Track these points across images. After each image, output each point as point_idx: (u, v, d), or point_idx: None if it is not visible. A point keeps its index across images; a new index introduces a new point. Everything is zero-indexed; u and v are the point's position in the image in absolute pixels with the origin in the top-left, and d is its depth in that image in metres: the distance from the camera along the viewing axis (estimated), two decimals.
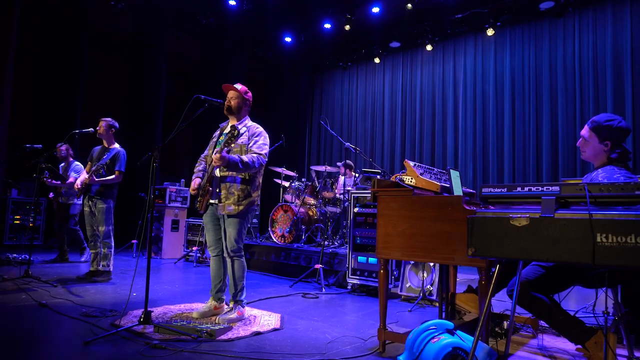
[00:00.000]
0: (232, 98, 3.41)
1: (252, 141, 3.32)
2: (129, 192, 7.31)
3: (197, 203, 3.32)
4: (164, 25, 9.13)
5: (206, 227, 3.44)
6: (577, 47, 7.77)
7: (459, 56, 9.32)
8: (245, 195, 3.27)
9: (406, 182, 2.68)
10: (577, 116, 7.67)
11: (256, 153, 3.25)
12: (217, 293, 3.44)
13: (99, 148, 4.95)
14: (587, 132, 2.43)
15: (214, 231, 3.41)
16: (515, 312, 2.52)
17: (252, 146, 3.30)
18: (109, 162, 4.74)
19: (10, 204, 7.23)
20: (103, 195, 4.76)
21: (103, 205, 4.74)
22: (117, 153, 4.82)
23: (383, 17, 9.32)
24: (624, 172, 2.32)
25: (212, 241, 3.43)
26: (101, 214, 4.74)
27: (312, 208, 6.51)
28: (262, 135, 3.37)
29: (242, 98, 3.41)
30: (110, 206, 4.81)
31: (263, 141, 3.34)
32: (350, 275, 4.70)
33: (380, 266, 2.71)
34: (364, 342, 2.86)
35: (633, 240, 1.50)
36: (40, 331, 2.81)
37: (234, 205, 3.23)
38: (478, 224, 1.80)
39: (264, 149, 3.32)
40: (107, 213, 4.77)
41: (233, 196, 3.24)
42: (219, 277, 3.45)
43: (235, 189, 3.25)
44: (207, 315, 3.31)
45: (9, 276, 4.46)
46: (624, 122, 2.35)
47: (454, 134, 9.20)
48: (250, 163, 3.17)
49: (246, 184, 3.29)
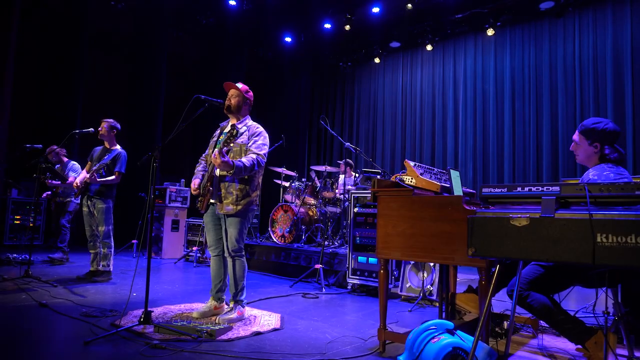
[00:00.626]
0: (233, 96, 3.40)
1: (252, 141, 3.31)
2: (129, 192, 7.31)
3: (198, 203, 3.32)
4: (164, 25, 9.13)
5: (207, 227, 3.44)
6: (577, 47, 7.77)
7: (459, 56, 9.32)
8: (244, 195, 3.27)
9: (406, 182, 2.68)
10: (577, 116, 7.67)
11: (255, 153, 3.24)
12: (217, 293, 3.44)
13: (100, 148, 4.97)
14: (577, 136, 2.55)
15: (215, 231, 3.41)
16: (515, 312, 2.52)
17: (251, 146, 3.29)
18: (110, 162, 4.74)
19: (10, 204, 7.23)
20: (102, 195, 4.76)
21: (102, 205, 4.75)
22: (118, 154, 4.83)
23: (383, 17, 9.32)
24: (615, 169, 2.40)
25: (212, 241, 3.43)
26: (100, 213, 4.74)
27: (312, 208, 6.51)
28: (262, 135, 3.36)
29: (242, 97, 3.41)
30: (110, 206, 4.82)
31: (262, 141, 3.33)
32: (350, 275, 4.70)
33: (380, 266, 2.71)
34: (364, 342, 2.86)
35: (633, 240, 1.50)
36: (40, 331, 2.81)
37: (233, 205, 3.23)
38: (478, 224, 1.80)
39: (263, 149, 3.31)
40: (106, 213, 4.77)
41: (232, 196, 3.24)
42: (219, 277, 3.45)
43: (233, 189, 3.25)
44: (207, 315, 3.31)
45: (9, 276, 4.46)
46: (611, 124, 2.46)
47: (454, 134, 9.20)
48: (249, 165, 3.16)
49: (245, 184, 3.28)
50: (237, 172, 3.12)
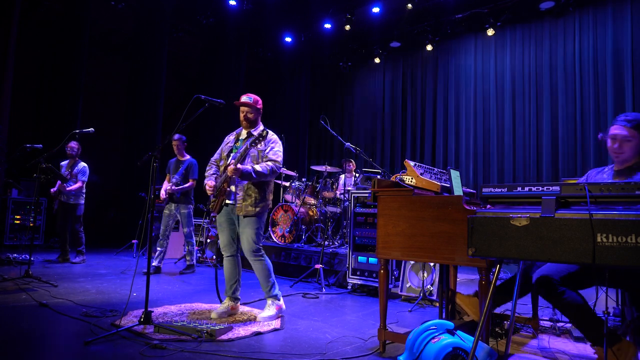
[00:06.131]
0: (248, 112, 3.48)
1: (269, 147, 3.41)
2: (129, 192, 7.32)
3: (211, 204, 3.41)
4: (164, 25, 9.13)
5: (220, 228, 3.49)
6: (577, 47, 7.77)
7: (459, 56, 9.32)
8: (261, 198, 3.37)
9: (406, 182, 2.68)
10: (577, 116, 7.67)
11: (272, 160, 3.35)
12: (233, 293, 3.49)
13: (174, 160, 5.67)
14: (627, 130, 2.35)
15: (229, 232, 3.47)
16: (515, 312, 2.52)
17: (268, 153, 3.39)
18: (184, 172, 5.51)
19: (11, 204, 7.22)
20: (185, 202, 5.56)
21: (185, 210, 5.56)
22: (190, 164, 5.58)
23: (383, 17, 9.32)
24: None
25: (226, 242, 3.49)
26: (185, 217, 5.56)
27: (313, 208, 6.51)
28: (277, 142, 3.47)
29: (256, 109, 3.50)
30: (191, 211, 5.64)
31: (278, 148, 3.44)
32: (350, 275, 4.70)
33: (381, 266, 2.70)
34: (364, 342, 2.86)
35: (633, 240, 1.50)
36: (40, 331, 2.81)
37: (252, 207, 3.33)
38: (478, 224, 1.80)
39: (280, 155, 3.42)
40: (189, 217, 5.60)
41: (251, 198, 3.33)
42: (234, 277, 3.50)
43: (252, 191, 3.34)
44: (224, 316, 3.36)
45: (9, 276, 4.46)
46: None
47: (454, 134, 9.20)
48: (264, 172, 3.27)
49: (262, 187, 3.39)
50: (247, 177, 3.23)
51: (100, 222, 8.91)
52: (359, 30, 9.94)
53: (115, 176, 9.02)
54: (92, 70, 8.85)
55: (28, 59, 8.21)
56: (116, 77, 9.55)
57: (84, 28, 8.38)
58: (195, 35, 10.36)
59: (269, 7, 9.51)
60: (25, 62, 7.95)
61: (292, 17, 10.00)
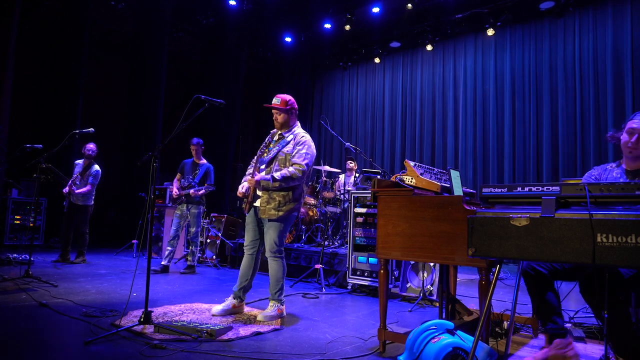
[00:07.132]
0: (277, 114, 3.51)
1: (296, 150, 3.41)
2: (129, 192, 7.31)
3: (244, 204, 3.51)
4: (164, 25, 9.13)
5: (247, 227, 3.56)
6: (577, 47, 7.77)
7: (459, 56, 9.32)
8: (286, 202, 3.38)
9: (406, 182, 2.68)
10: (577, 116, 7.67)
11: (295, 164, 3.35)
12: (240, 291, 3.52)
13: (190, 162, 5.75)
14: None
15: (253, 231, 3.54)
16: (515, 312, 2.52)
17: (294, 156, 3.40)
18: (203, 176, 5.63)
19: (11, 204, 7.23)
20: (198, 202, 5.62)
21: (196, 210, 5.62)
22: (208, 170, 5.69)
23: (383, 17, 9.33)
24: None
25: (249, 241, 3.56)
26: (194, 217, 5.61)
27: (312, 208, 6.51)
28: (306, 144, 3.45)
29: (285, 110, 3.49)
30: (201, 212, 5.72)
31: (306, 150, 3.42)
32: (350, 275, 4.70)
33: (381, 266, 2.71)
34: (364, 342, 2.86)
35: (633, 240, 1.50)
36: (40, 331, 2.81)
37: (275, 210, 3.36)
38: (478, 224, 1.80)
39: (306, 158, 3.40)
40: (198, 217, 5.67)
41: (274, 201, 3.36)
42: (246, 276, 3.53)
43: (276, 195, 3.37)
44: (226, 314, 3.39)
45: (9, 276, 4.46)
46: None
47: (454, 134, 9.20)
48: (282, 178, 3.29)
49: (287, 191, 3.39)
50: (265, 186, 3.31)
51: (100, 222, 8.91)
52: (359, 30, 9.95)
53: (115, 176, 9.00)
54: (92, 70, 8.85)
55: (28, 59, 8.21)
56: (116, 77, 9.55)
57: (84, 28, 8.38)
58: (195, 35, 10.37)
59: (269, 7, 9.52)
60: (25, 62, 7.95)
61: (292, 17, 10.00)
